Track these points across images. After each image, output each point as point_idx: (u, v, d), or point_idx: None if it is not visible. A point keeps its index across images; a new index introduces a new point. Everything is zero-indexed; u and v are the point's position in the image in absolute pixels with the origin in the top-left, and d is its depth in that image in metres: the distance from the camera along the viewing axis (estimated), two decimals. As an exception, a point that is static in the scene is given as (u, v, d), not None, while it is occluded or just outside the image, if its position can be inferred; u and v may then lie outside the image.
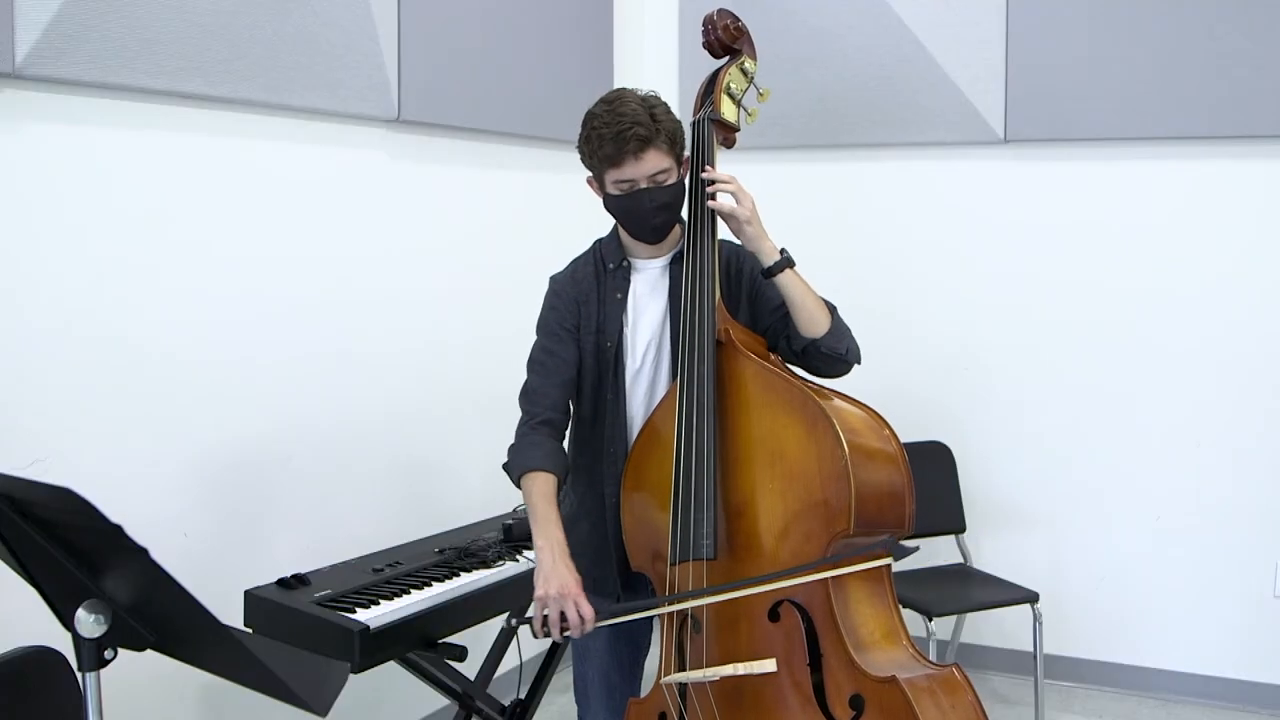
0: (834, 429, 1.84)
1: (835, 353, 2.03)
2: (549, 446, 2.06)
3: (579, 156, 2.08)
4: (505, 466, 2.08)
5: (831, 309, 2.06)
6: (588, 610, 1.88)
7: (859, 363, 2.08)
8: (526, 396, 2.12)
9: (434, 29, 3.14)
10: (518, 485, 2.06)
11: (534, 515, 1.99)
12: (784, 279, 2.00)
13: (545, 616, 1.90)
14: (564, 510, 2.23)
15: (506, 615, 2.03)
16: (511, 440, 2.11)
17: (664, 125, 1.99)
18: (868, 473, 1.86)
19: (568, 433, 2.20)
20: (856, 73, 3.76)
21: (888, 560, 1.90)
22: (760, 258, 2.02)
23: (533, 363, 2.14)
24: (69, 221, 2.33)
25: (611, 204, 2.06)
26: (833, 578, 1.86)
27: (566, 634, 1.90)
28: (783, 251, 2.01)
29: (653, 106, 2.01)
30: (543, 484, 2.01)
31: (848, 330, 2.06)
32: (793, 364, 2.10)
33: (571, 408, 2.16)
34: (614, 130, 1.95)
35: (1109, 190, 3.59)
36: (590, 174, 2.08)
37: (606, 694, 2.20)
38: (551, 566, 1.91)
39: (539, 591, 1.90)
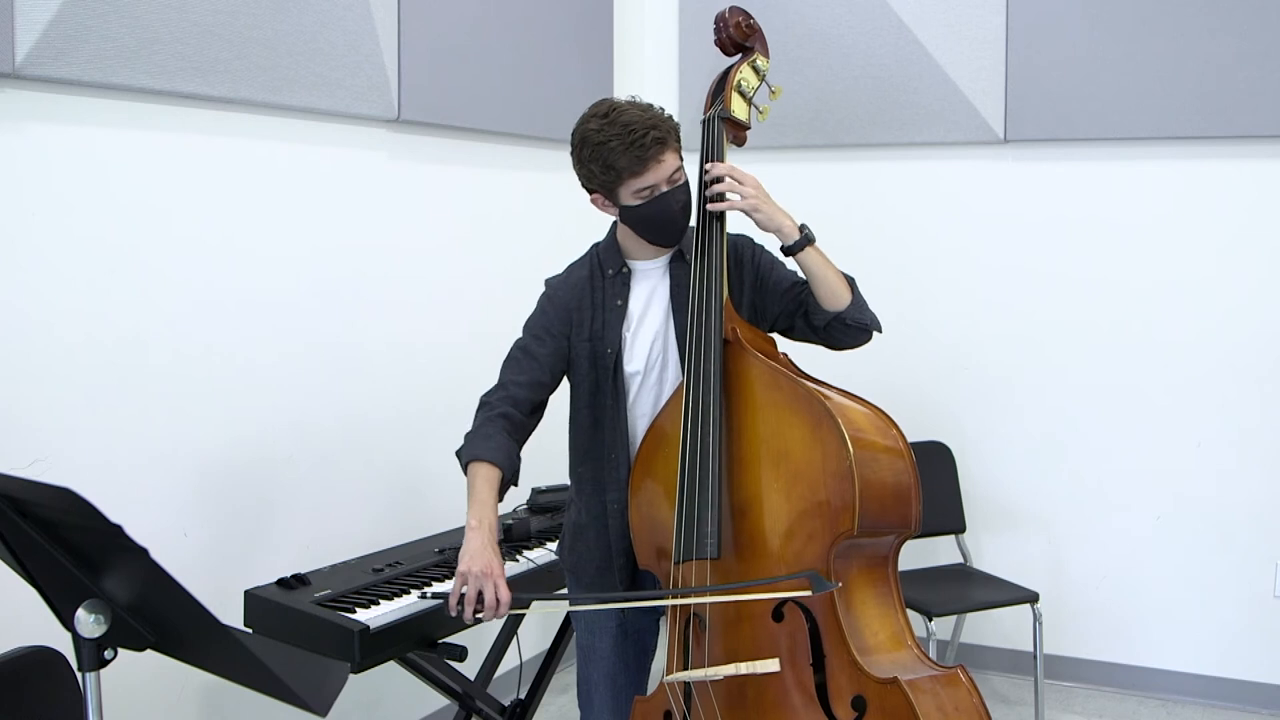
0: (839, 429, 1.84)
1: (859, 323, 2.04)
2: (500, 440, 2.02)
3: (580, 179, 2.04)
4: (457, 452, 2.05)
5: (850, 281, 2.06)
6: (505, 594, 1.87)
7: (880, 330, 2.09)
8: (493, 389, 2.10)
9: (434, 29, 3.14)
10: (465, 472, 2.02)
11: (472, 496, 1.96)
12: (805, 256, 1.99)
13: (463, 594, 1.88)
14: (570, 518, 2.23)
15: (420, 591, 2.05)
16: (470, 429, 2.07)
17: (669, 124, 1.99)
18: (873, 473, 1.86)
19: (568, 443, 2.20)
20: (856, 73, 3.76)
21: (806, 593, 1.82)
22: (780, 236, 2.01)
23: (509, 358, 2.12)
24: (69, 222, 2.33)
25: (633, 214, 2.02)
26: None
27: (479, 616, 1.88)
28: (803, 228, 2.00)
29: (648, 108, 1.99)
30: (487, 471, 1.98)
31: (865, 299, 2.07)
32: (813, 341, 2.10)
33: (543, 410, 2.13)
34: (628, 140, 1.92)
35: (1109, 190, 3.59)
36: (596, 193, 2.04)
37: (612, 696, 2.19)
38: (480, 546, 1.89)
39: (461, 567, 1.88)
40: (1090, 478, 3.66)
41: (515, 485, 2.05)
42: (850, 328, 2.04)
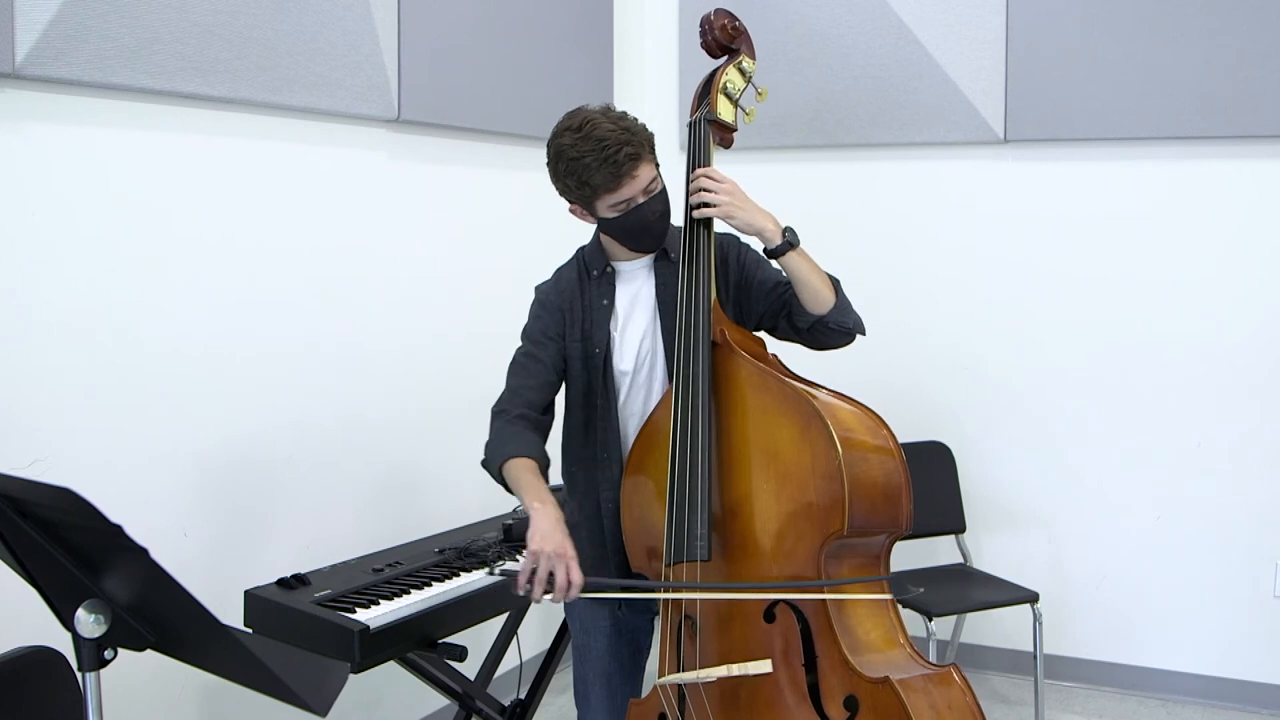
0: (828, 429, 1.84)
1: (842, 327, 2.03)
2: (527, 437, 2.02)
3: (556, 189, 2.03)
4: (484, 462, 2.04)
5: (835, 283, 2.05)
6: (577, 576, 1.83)
7: (863, 333, 2.08)
8: (502, 397, 2.10)
9: (434, 29, 3.14)
10: (498, 478, 2.01)
11: (523, 487, 1.94)
12: (788, 260, 1.99)
13: (533, 573, 1.83)
14: (564, 518, 2.23)
15: (489, 567, 1.96)
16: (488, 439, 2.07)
17: (643, 135, 1.98)
18: (862, 473, 1.86)
19: (560, 445, 2.19)
20: (856, 73, 3.76)
21: (887, 596, 1.89)
22: (761, 239, 2.00)
23: (513, 365, 2.12)
24: (69, 222, 2.33)
25: (611, 225, 2.03)
26: (829, 584, 1.86)
27: (549, 596, 1.84)
28: (786, 231, 1.99)
29: (621, 119, 1.97)
30: (525, 462, 1.97)
31: (850, 302, 2.06)
32: (795, 341, 2.10)
33: (556, 411, 2.14)
34: (601, 156, 1.91)
35: (1109, 190, 3.59)
36: (574, 204, 2.04)
37: (608, 696, 2.20)
38: (550, 526, 1.86)
39: (533, 547, 1.84)
40: (1090, 478, 3.66)
41: (547, 480, 2.05)
42: (833, 330, 2.03)
